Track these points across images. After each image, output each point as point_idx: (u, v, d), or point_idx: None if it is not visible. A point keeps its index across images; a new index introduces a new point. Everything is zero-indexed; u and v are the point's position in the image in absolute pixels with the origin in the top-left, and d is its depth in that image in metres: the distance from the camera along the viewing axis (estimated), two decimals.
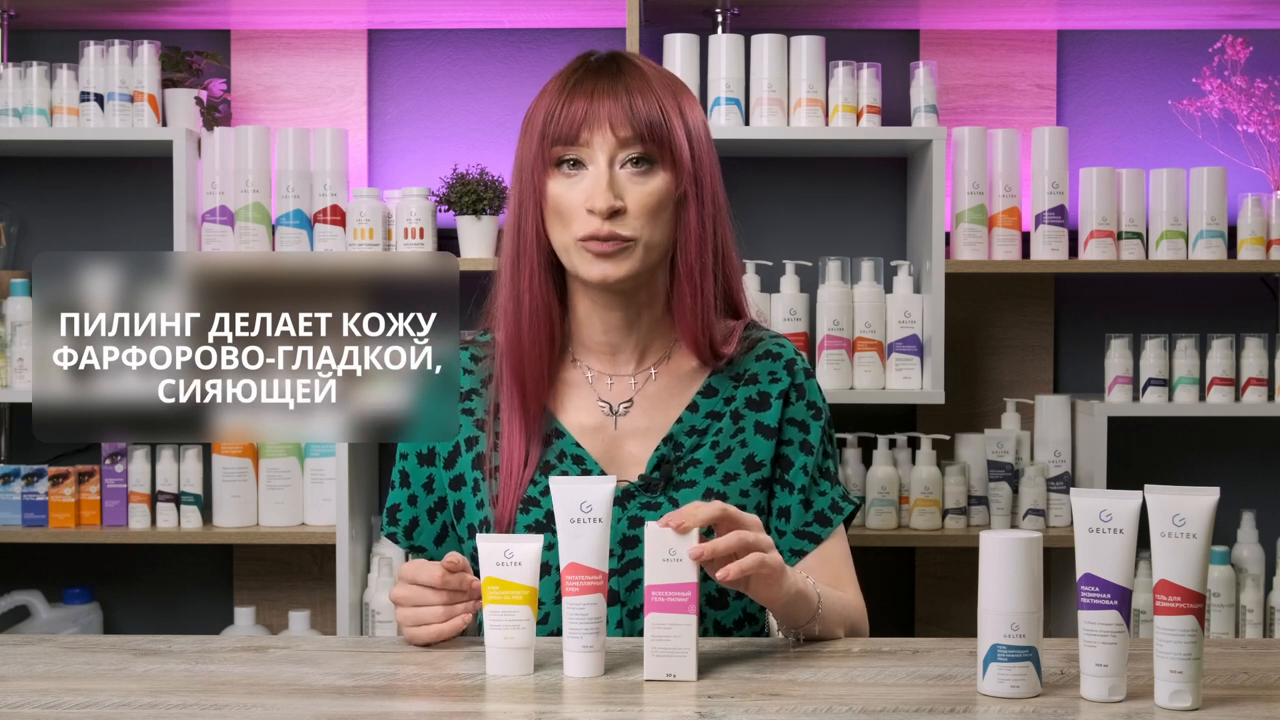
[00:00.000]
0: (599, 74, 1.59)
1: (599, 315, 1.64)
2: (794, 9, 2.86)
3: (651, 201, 1.57)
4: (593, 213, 1.55)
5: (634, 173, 1.57)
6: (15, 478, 2.78)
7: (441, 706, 1.25)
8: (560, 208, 1.57)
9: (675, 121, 1.58)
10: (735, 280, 1.69)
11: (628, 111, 1.56)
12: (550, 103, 1.59)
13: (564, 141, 1.57)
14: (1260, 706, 1.25)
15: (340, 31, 2.99)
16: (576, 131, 1.56)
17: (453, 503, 1.67)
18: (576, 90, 1.58)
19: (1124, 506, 1.27)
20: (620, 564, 1.57)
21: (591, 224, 1.55)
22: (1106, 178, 2.78)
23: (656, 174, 1.58)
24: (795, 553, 1.63)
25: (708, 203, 1.61)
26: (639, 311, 1.64)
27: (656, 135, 1.57)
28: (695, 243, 1.60)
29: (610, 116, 1.56)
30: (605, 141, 1.56)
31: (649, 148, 1.57)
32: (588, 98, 1.57)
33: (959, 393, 2.95)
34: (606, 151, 1.56)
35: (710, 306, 1.62)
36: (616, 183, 1.56)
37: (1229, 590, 2.74)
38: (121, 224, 3.01)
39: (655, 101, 1.58)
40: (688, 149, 1.59)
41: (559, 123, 1.57)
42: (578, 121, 1.56)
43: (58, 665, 1.39)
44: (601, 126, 1.56)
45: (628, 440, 1.64)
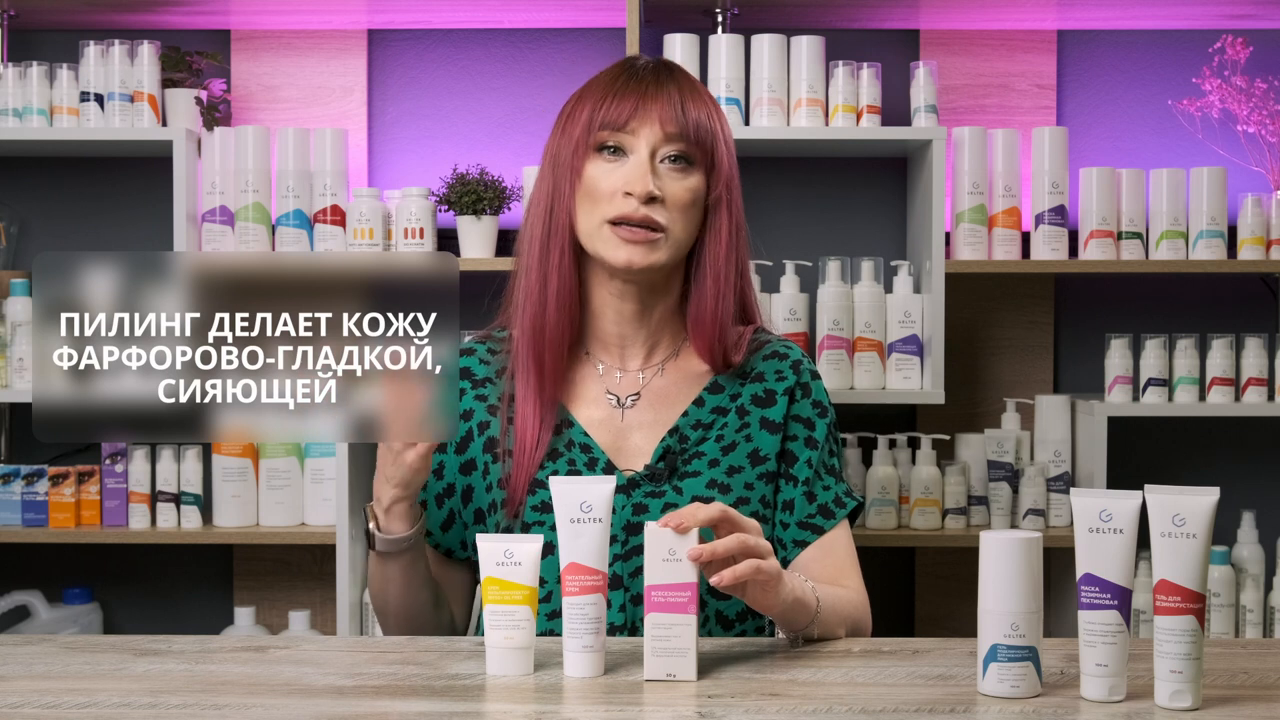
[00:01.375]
0: (650, 74, 1.65)
1: (613, 306, 1.67)
2: (794, 9, 2.86)
3: (688, 198, 1.62)
4: (630, 195, 1.59)
5: (673, 168, 1.62)
6: (15, 478, 2.78)
7: (441, 706, 1.26)
8: (594, 189, 1.62)
9: (718, 130, 1.65)
10: (750, 292, 1.74)
11: (677, 111, 1.62)
12: (600, 94, 1.64)
13: (612, 127, 1.62)
14: (1260, 706, 1.26)
15: (340, 31, 2.99)
16: (626, 120, 1.62)
17: (461, 488, 1.70)
18: (628, 85, 1.64)
19: (1124, 506, 1.27)
20: (624, 550, 1.60)
21: (627, 205, 1.60)
22: (1106, 178, 2.78)
23: (693, 174, 1.63)
24: (798, 544, 1.64)
25: (737, 213, 1.67)
26: (652, 305, 1.68)
27: (701, 138, 1.63)
28: (725, 249, 1.65)
29: (660, 112, 1.62)
30: (652, 134, 1.62)
31: (691, 148, 1.62)
32: (639, 93, 1.63)
33: (959, 393, 2.95)
34: (650, 143, 1.61)
35: (729, 314, 1.67)
36: (656, 173, 1.61)
37: (1229, 590, 2.74)
38: (121, 224, 3.01)
39: (704, 109, 1.64)
40: (725, 158, 1.65)
41: (609, 109, 1.62)
42: (629, 111, 1.62)
43: (58, 665, 1.39)
44: (651, 120, 1.62)
45: (634, 433, 1.67)
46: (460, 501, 1.70)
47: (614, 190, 1.60)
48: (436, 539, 1.72)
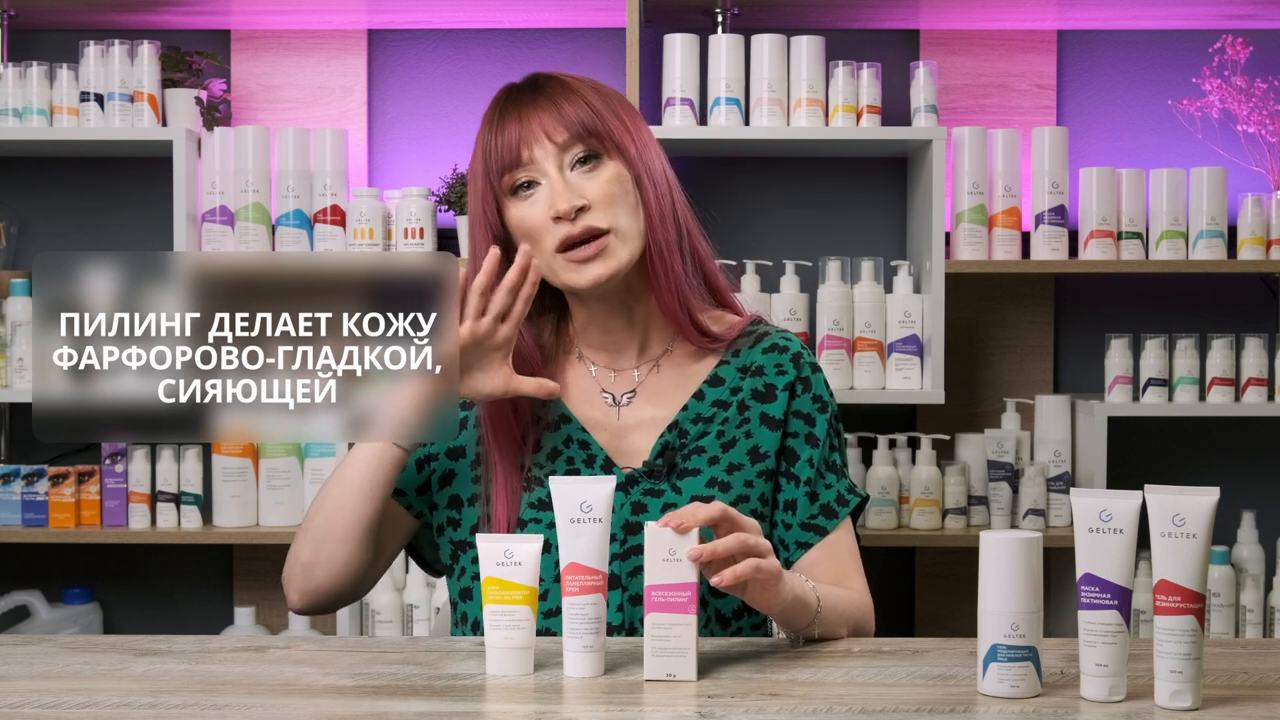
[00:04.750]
0: (520, 96, 1.63)
1: (597, 323, 1.67)
2: (794, 9, 2.87)
3: (611, 189, 1.60)
4: (560, 219, 1.58)
5: (584, 171, 1.61)
6: (15, 478, 2.78)
7: (441, 706, 1.26)
8: (528, 228, 1.60)
9: (607, 115, 1.62)
10: (708, 262, 1.71)
11: (557, 117, 1.60)
12: (485, 140, 1.63)
13: (510, 167, 1.60)
14: (1260, 706, 1.25)
15: (340, 31, 2.99)
16: (517, 153, 1.60)
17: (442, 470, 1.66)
18: (505, 117, 1.62)
19: (1124, 506, 1.27)
20: (623, 549, 1.59)
21: (563, 229, 1.58)
22: (1106, 178, 2.78)
23: (606, 165, 1.61)
24: (801, 545, 1.63)
25: (660, 183, 1.64)
26: (632, 305, 1.67)
27: (592, 130, 1.61)
28: (656, 219, 1.62)
29: (543, 127, 1.60)
30: (547, 152, 1.60)
31: (590, 143, 1.61)
32: (517, 120, 1.61)
33: (959, 393, 2.95)
34: (552, 161, 1.60)
35: (682, 281, 1.64)
36: (572, 185, 1.59)
37: (1229, 590, 2.74)
38: (121, 224, 3.01)
39: (581, 102, 1.62)
40: (628, 136, 1.62)
41: (499, 152, 1.61)
42: (514, 143, 1.60)
43: (58, 665, 1.39)
44: (539, 139, 1.60)
45: (633, 430, 1.66)
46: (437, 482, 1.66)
47: (544, 221, 1.59)
48: (408, 500, 1.67)
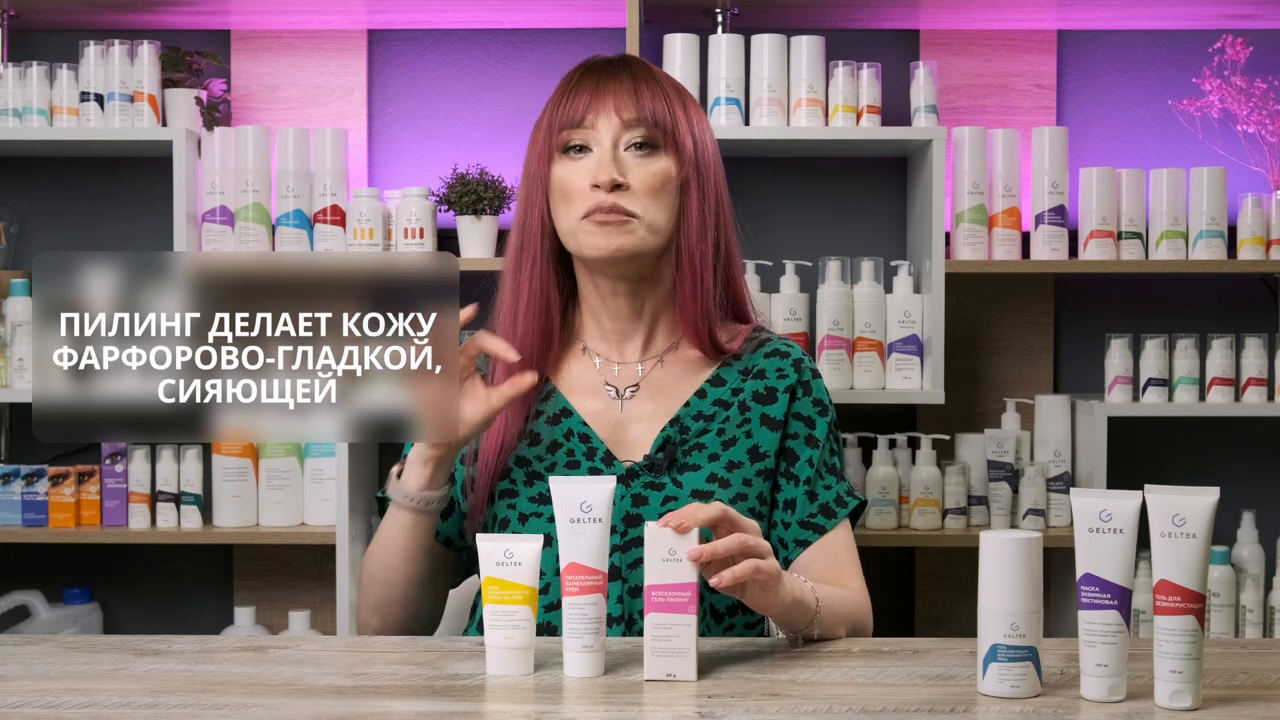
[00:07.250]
0: (605, 68, 1.67)
1: (607, 305, 1.68)
2: (794, 9, 2.87)
3: (654, 181, 1.62)
4: (597, 187, 1.60)
5: (637, 155, 1.63)
6: (15, 478, 2.78)
7: (441, 706, 1.26)
8: (565, 189, 1.63)
9: (679, 114, 1.65)
10: (738, 281, 1.73)
11: (633, 97, 1.63)
12: (557, 98, 1.66)
13: (569, 126, 1.63)
14: (1260, 706, 1.26)
15: (340, 31, 2.99)
16: (582, 115, 1.63)
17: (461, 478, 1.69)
18: (583, 82, 1.66)
19: (1124, 506, 1.27)
20: (623, 541, 1.60)
21: (595, 198, 1.61)
22: (1106, 178, 2.78)
23: (659, 157, 1.63)
24: (799, 543, 1.64)
25: (710, 194, 1.66)
26: (644, 297, 1.68)
27: (660, 121, 1.63)
28: (695, 230, 1.65)
29: (616, 101, 1.63)
30: (610, 124, 1.63)
31: (652, 132, 1.63)
32: (593, 88, 1.64)
33: (959, 393, 2.95)
34: (611, 133, 1.62)
35: (709, 296, 1.65)
36: (620, 161, 1.62)
37: (1229, 590, 2.74)
38: (121, 224, 3.01)
39: (660, 94, 1.65)
40: (690, 140, 1.65)
41: (565, 110, 1.64)
42: (583, 106, 1.63)
43: (58, 665, 1.39)
44: (606, 110, 1.63)
45: (633, 424, 1.67)
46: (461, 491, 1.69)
47: (582, 186, 1.62)
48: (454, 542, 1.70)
